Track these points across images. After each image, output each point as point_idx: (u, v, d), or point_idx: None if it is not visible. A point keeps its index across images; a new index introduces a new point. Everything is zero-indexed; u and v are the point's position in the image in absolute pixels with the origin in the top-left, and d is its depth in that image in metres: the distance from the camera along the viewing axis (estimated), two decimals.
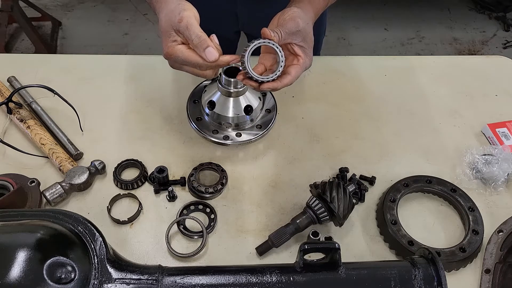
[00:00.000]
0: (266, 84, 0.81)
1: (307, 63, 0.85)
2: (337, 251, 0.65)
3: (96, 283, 0.61)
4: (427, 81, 1.21)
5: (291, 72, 0.82)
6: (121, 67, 1.19)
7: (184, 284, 0.64)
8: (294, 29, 0.82)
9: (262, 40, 0.79)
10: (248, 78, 0.81)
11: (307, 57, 0.85)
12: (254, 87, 0.82)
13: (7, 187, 0.86)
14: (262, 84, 0.81)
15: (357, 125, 1.09)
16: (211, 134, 0.98)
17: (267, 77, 0.80)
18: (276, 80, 0.81)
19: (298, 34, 0.82)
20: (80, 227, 0.65)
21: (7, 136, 1.01)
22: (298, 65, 0.84)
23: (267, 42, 0.79)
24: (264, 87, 0.82)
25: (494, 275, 0.82)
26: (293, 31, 0.82)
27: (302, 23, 0.82)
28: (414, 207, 0.94)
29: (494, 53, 3.01)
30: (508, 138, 1.05)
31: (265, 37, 0.79)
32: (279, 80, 0.82)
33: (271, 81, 0.81)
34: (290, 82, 0.83)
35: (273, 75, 0.81)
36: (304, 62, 0.84)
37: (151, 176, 0.94)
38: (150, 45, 2.94)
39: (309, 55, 0.85)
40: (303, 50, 0.84)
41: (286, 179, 0.97)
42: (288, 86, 0.83)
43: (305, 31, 0.83)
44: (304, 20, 0.83)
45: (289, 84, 0.83)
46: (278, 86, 0.82)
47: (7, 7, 2.54)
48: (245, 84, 0.83)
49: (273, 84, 0.81)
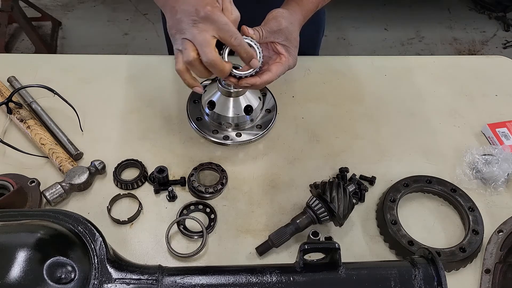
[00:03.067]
0: (245, 80, 0.84)
1: (290, 62, 0.88)
2: (337, 251, 0.65)
3: (96, 283, 0.61)
4: (427, 81, 1.21)
5: (272, 70, 0.85)
6: (121, 67, 1.19)
7: (184, 284, 0.64)
8: (276, 28, 0.84)
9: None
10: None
11: (290, 56, 0.87)
12: (234, 83, 0.85)
13: (7, 187, 0.86)
14: (241, 79, 0.84)
15: (357, 125, 1.09)
16: (211, 134, 0.98)
17: (245, 73, 0.83)
18: (255, 76, 0.84)
19: (280, 33, 0.85)
20: (80, 227, 0.65)
21: (7, 136, 1.01)
22: (280, 63, 0.86)
23: (245, 39, 0.81)
24: (242, 82, 0.84)
25: (494, 275, 0.82)
26: (275, 30, 0.84)
27: (285, 22, 0.84)
28: (414, 207, 0.94)
29: (494, 53, 3.01)
30: (508, 138, 1.05)
31: (244, 35, 0.81)
32: (258, 76, 0.84)
33: (249, 76, 0.83)
34: (271, 79, 0.85)
35: (250, 71, 0.83)
36: (286, 61, 0.86)
37: (151, 176, 0.94)
38: (150, 45, 2.94)
39: (292, 54, 0.88)
40: (286, 49, 0.87)
41: (286, 179, 0.97)
42: (269, 83, 0.85)
43: (288, 30, 0.85)
44: (287, 20, 0.85)
45: (270, 81, 0.85)
46: (257, 82, 0.84)
47: (7, 7, 2.54)
48: (225, 81, 0.86)
49: (252, 80, 0.84)
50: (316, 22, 1.25)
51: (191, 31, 0.76)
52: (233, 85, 0.86)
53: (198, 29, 0.75)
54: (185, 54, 0.77)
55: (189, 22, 0.75)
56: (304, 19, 0.91)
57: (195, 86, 0.83)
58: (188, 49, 0.77)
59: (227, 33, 0.76)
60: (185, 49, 0.77)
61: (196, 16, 0.74)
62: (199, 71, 0.80)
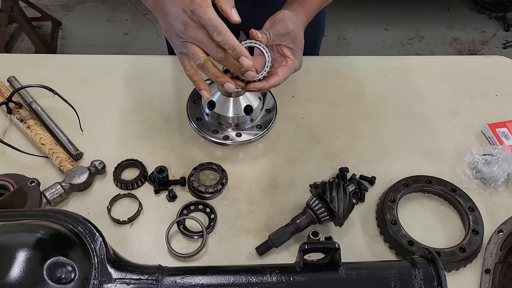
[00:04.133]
0: (253, 84, 0.83)
1: (296, 65, 0.87)
2: (337, 251, 0.65)
3: (96, 283, 0.61)
4: (427, 81, 1.21)
5: (278, 73, 0.84)
6: (121, 67, 1.19)
7: (184, 284, 0.64)
8: (283, 30, 0.83)
9: (249, 41, 0.82)
10: (235, 78, 0.83)
11: (296, 59, 0.87)
12: (241, 87, 0.84)
13: (7, 187, 0.86)
14: (248, 84, 0.83)
15: (357, 125, 1.09)
16: (211, 134, 0.98)
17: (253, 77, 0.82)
18: (262, 80, 0.83)
19: (287, 36, 0.84)
20: (80, 227, 0.65)
21: (7, 136, 1.01)
22: (286, 66, 0.85)
23: (254, 43, 0.81)
24: (250, 86, 0.83)
25: (494, 275, 0.82)
26: (282, 33, 0.83)
27: (292, 25, 0.84)
28: (414, 207, 0.94)
29: (494, 53, 3.01)
30: (508, 138, 1.05)
31: (253, 38, 0.80)
32: (265, 80, 0.83)
33: (257, 81, 0.83)
34: (277, 82, 0.84)
35: (259, 75, 0.82)
36: (292, 64, 0.86)
37: (151, 176, 0.94)
38: (150, 45, 2.94)
39: (298, 57, 0.87)
40: (292, 52, 0.86)
41: (286, 179, 0.97)
42: (275, 86, 0.85)
43: (295, 33, 0.85)
44: (294, 23, 0.84)
45: (276, 85, 0.84)
46: (264, 86, 0.83)
47: (7, 7, 2.54)
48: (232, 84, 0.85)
49: (260, 84, 0.83)
50: (317, 21, 1.25)
51: (187, 33, 0.74)
52: (241, 89, 0.85)
53: (192, 29, 0.73)
54: (195, 58, 0.75)
55: (180, 26, 0.73)
56: (307, 20, 0.91)
57: (204, 89, 0.82)
58: (196, 53, 0.75)
59: (210, 28, 0.72)
60: (193, 54, 0.76)
61: (184, 17, 0.72)
62: (212, 72, 0.78)
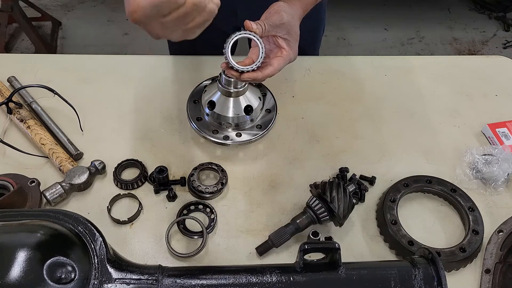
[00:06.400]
0: (247, 74, 0.84)
1: (291, 56, 0.88)
2: (337, 251, 0.65)
3: (96, 283, 0.61)
4: (427, 81, 1.21)
5: (273, 64, 0.85)
6: (121, 67, 1.19)
7: (184, 284, 0.64)
8: (278, 22, 0.84)
9: (244, 32, 0.82)
10: (229, 68, 0.84)
11: (291, 50, 0.87)
12: (236, 76, 0.85)
13: (7, 187, 0.86)
14: (242, 74, 0.84)
15: (357, 125, 1.09)
16: (211, 134, 0.98)
17: (247, 67, 0.83)
18: (256, 70, 0.84)
19: (282, 27, 0.85)
20: (80, 227, 0.65)
21: (7, 136, 1.01)
22: (281, 57, 0.86)
23: (248, 34, 0.82)
24: (244, 76, 0.84)
25: (494, 275, 0.82)
26: (277, 24, 0.84)
27: (287, 16, 0.84)
28: (414, 207, 0.94)
29: (494, 53, 3.01)
30: (508, 138, 1.05)
31: (247, 29, 0.81)
32: (260, 70, 0.84)
33: (251, 71, 0.84)
34: (272, 73, 0.85)
35: (253, 65, 0.83)
36: (287, 55, 0.86)
37: (151, 176, 0.94)
38: (150, 45, 2.93)
39: (293, 48, 0.88)
40: (287, 43, 0.87)
41: (286, 179, 0.97)
42: (270, 77, 0.85)
43: (290, 24, 0.85)
44: (289, 14, 0.85)
45: (271, 75, 0.85)
46: (258, 76, 0.84)
47: (7, 7, 2.53)
48: (226, 74, 0.87)
49: (254, 74, 0.84)
50: (317, 20, 1.25)
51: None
52: (235, 78, 0.86)
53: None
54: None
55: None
56: (303, 12, 0.91)
57: None
58: None
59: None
60: None
61: None
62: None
